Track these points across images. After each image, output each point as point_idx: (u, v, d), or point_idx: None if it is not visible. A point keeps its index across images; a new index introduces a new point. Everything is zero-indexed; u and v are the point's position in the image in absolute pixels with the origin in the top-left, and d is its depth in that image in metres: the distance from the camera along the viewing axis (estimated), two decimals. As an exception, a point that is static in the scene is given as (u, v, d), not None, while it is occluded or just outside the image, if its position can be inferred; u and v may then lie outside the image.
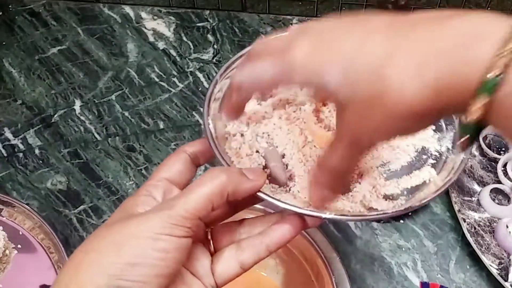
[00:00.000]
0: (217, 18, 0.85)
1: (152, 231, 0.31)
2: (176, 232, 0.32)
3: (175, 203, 0.33)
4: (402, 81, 0.28)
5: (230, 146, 0.41)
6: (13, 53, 0.82)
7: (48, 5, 0.87)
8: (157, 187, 0.36)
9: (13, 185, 0.69)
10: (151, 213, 0.33)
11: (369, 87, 0.29)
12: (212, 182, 0.34)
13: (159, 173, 0.38)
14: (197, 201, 0.33)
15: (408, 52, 0.28)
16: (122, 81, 0.78)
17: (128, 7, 0.87)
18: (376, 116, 0.29)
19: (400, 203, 0.39)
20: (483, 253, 0.60)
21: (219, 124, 0.42)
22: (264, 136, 0.42)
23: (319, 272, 0.57)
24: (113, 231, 0.32)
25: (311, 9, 0.84)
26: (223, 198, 0.34)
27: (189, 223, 0.32)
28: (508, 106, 0.25)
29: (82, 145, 0.72)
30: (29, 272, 0.60)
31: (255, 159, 0.40)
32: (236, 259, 0.36)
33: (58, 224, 0.65)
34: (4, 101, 0.77)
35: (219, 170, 0.35)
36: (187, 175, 0.39)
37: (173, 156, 0.39)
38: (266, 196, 0.36)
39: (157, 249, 0.31)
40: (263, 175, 0.37)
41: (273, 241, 0.37)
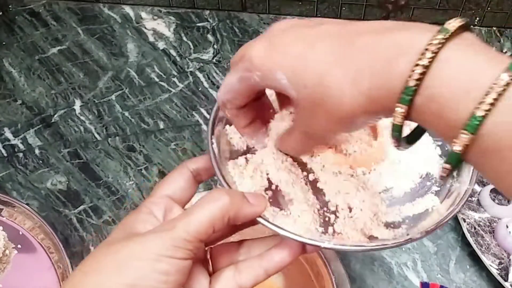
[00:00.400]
0: (217, 18, 0.85)
1: (154, 252, 0.31)
2: (177, 254, 0.32)
3: (176, 224, 0.33)
4: (341, 89, 0.30)
5: (234, 164, 0.40)
6: (13, 53, 0.82)
7: (48, 5, 0.87)
8: (158, 205, 0.36)
9: (13, 185, 0.69)
10: (152, 234, 0.33)
11: (313, 93, 0.31)
12: (214, 204, 0.33)
13: (161, 190, 0.38)
14: (199, 224, 0.33)
15: (348, 61, 0.30)
16: (122, 81, 0.78)
17: (128, 7, 0.87)
18: (320, 118, 0.32)
19: (401, 232, 0.38)
20: (483, 253, 0.60)
21: (224, 140, 0.42)
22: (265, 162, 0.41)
23: (319, 272, 0.56)
24: (113, 251, 0.32)
25: (311, 9, 0.84)
26: (224, 222, 0.34)
27: (191, 246, 0.32)
28: (425, 110, 0.28)
29: (82, 145, 0.72)
30: (29, 272, 0.60)
31: (258, 181, 0.40)
32: (234, 280, 0.36)
33: (58, 224, 0.65)
34: (4, 101, 0.77)
35: (222, 192, 0.35)
36: (189, 192, 0.39)
37: (175, 173, 0.39)
38: (266, 222, 0.36)
39: (159, 271, 0.31)
40: (264, 200, 0.37)
41: (272, 265, 0.37)
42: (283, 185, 0.40)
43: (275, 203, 0.39)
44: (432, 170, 0.42)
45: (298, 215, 0.38)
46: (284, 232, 0.36)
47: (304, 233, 0.37)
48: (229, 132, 0.42)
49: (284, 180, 0.40)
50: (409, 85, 0.27)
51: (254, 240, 0.39)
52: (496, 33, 0.83)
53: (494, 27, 0.83)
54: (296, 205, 0.39)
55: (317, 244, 0.36)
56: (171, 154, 0.71)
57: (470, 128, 0.26)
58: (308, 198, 0.40)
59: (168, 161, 0.71)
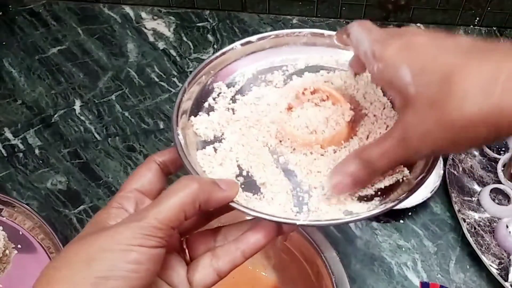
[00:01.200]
0: (217, 18, 0.85)
1: (123, 242, 0.31)
2: (148, 242, 0.31)
3: (146, 213, 0.32)
4: (467, 90, 0.29)
5: (203, 154, 0.41)
6: (13, 53, 0.82)
7: (48, 5, 0.87)
8: (129, 199, 0.36)
9: (13, 185, 0.69)
10: (121, 225, 0.32)
11: (436, 87, 0.31)
12: (183, 191, 0.33)
13: (130, 184, 0.37)
14: (169, 211, 0.33)
15: (481, 67, 0.30)
16: (122, 81, 0.78)
17: (128, 7, 0.87)
18: (431, 118, 0.31)
19: (375, 204, 0.38)
20: (483, 253, 0.60)
21: (190, 131, 0.42)
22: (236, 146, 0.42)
23: (319, 272, 0.56)
24: (84, 245, 0.32)
25: (311, 9, 0.84)
26: (196, 208, 0.34)
27: (161, 233, 0.32)
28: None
29: (82, 145, 0.72)
30: (29, 272, 0.60)
31: (228, 168, 0.40)
32: (212, 267, 0.36)
33: (58, 224, 0.65)
34: (4, 101, 0.77)
35: (190, 178, 0.35)
36: (158, 185, 0.38)
37: (143, 166, 0.38)
38: (239, 206, 0.36)
39: (129, 261, 0.31)
40: (235, 185, 0.37)
41: (249, 247, 0.37)
42: (254, 170, 0.40)
43: (248, 189, 0.39)
44: None
45: (271, 197, 0.39)
46: (258, 214, 0.36)
47: (279, 214, 0.37)
48: (194, 123, 0.43)
49: (255, 165, 0.40)
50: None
51: (230, 225, 0.39)
52: (496, 33, 0.83)
53: (494, 27, 0.83)
54: (269, 188, 0.39)
55: (292, 222, 0.36)
56: (171, 154, 0.71)
57: None
58: (280, 180, 0.40)
59: (168, 161, 0.70)
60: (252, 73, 0.46)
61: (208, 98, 0.45)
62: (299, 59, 0.47)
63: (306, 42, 0.47)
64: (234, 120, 0.43)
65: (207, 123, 0.43)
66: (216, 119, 0.43)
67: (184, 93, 0.43)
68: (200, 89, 0.45)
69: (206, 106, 0.44)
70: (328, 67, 0.47)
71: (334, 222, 0.37)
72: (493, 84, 0.29)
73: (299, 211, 0.38)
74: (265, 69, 0.47)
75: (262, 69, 0.47)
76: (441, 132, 0.31)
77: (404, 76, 0.33)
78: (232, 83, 0.46)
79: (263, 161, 0.41)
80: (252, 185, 0.40)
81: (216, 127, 0.43)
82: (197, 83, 0.44)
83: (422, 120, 0.32)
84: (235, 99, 0.45)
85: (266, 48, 0.47)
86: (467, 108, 0.29)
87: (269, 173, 0.40)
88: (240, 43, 0.46)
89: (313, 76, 0.46)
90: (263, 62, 0.47)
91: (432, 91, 0.31)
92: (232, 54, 0.46)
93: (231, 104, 0.44)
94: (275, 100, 0.45)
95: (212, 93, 0.45)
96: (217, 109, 0.44)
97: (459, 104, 0.30)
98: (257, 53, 0.47)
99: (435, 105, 0.31)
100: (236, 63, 0.46)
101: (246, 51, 0.46)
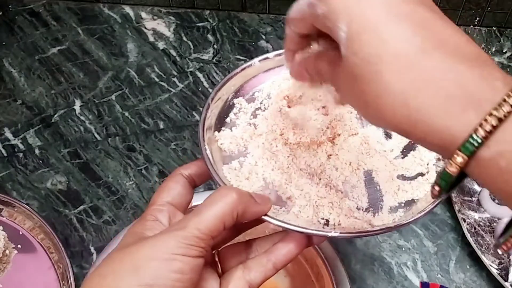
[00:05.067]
0: (217, 18, 0.85)
1: (168, 252, 0.31)
2: (191, 252, 0.32)
3: (188, 223, 0.33)
4: (393, 82, 0.27)
5: (228, 168, 0.41)
6: (13, 53, 0.82)
7: (48, 5, 0.87)
8: (162, 212, 0.37)
9: (13, 185, 0.69)
10: (164, 234, 0.33)
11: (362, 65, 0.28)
12: (223, 201, 0.34)
13: (160, 197, 0.38)
14: (210, 221, 0.33)
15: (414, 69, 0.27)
16: (122, 81, 0.78)
17: (128, 7, 0.87)
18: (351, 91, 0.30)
19: (399, 215, 0.39)
20: (483, 253, 0.60)
21: (215, 146, 0.43)
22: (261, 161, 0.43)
23: (319, 272, 0.57)
24: (128, 253, 0.32)
25: (311, 9, 0.84)
26: (234, 218, 0.34)
27: (203, 243, 0.33)
28: (491, 165, 0.26)
29: (82, 145, 0.72)
30: (29, 272, 0.60)
31: (254, 182, 0.41)
32: (244, 279, 0.36)
33: (58, 224, 0.65)
34: (4, 101, 0.77)
35: (229, 189, 0.35)
36: (187, 197, 0.39)
37: (171, 180, 0.39)
38: (272, 219, 0.37)
39: (174, 270, 0.31)
40: (269, 200, 0.38)
41: (279, 259, 0.37)
42: (279, 184, 0.41)
43: (275, 202, 0.40)
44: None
45: (298, 210, 0.39)
46: (290, 226, 0.37)
47: (308, 226, 0.38)
48: (219, 138, 0.44)
49: (278, 179, 0.41)
50: (478, 134, 0.25)
51: (260, 238, 0.40)
52: (496, 33, 0.83)
53: (494, 27, 0.83)
54: (295, 202, 0.40)
55: (324, 234, 0.37)
56: (171, 154, 0.71)
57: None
58: (305, 193, 0.41)
59: (168, 161, 0.71)
60: (271, 88, 0.47)
61: (230, 114, 0.46)
62: None
63: None
64: (256, 135, 0.44)
65: (231, 138, 0.44)
66: (240, 134, 0.44)
67: (208, 109, 0.44)
68: (222, 105, 0.46)
69: (228, 121, 0.45)
70: None
71: (363, 234, 0.38)
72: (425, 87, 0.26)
73: (326, 223, 0.39)
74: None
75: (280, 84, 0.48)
76: (358, 105, 0.30)
77: (339, 30, 0.29)
78: (252, 99, 0.47)
79: (288, 174, 0.42)
80: (278, 198, 0.40)
81: (239, 142, 0.44)
82: (219, 99, 0.45)
83: (346, 82, 0.30)
84: (256, 114, 0.46)
85: (283, 64, 0.47)
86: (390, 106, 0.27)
87: (294, 186, 0.41)
88: (258, 60, 0.47)
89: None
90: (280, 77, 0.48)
91: (359, 65, 0.28)
92: (251, 70, 0.47)
93: (252, 119, 0.45)
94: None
95: (233, 108, 0.46)
96: (239, 124, 0.45)
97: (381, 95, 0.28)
98: (275, 69, 0.48)
99: (358, 81, 0.29)
100: (255, 79, 0.47)
101: (263, 68, 0.47)
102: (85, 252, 0.64)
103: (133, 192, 0.68)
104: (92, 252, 0.64)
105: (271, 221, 0.37)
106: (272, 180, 0.41)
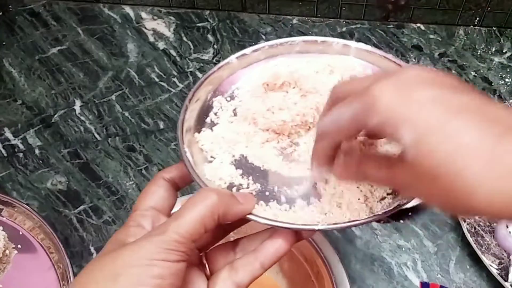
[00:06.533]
0: (217, 18, 0.85)
1: (147, 257, 0.31)
2: (170, 257, 0.32)
3: (167, 227, 0.32)
4: (478, 179, 0.27)
5: (210, 168, 0.41)
6: (13, 53, 0.82)
7: (48, 5, 0.87)
8: (145, 217, 0.36)
9: (13, 185, 0.69)
10: (144, 240, 0.32)
11: (439, 168, 0.28)
12: (203, 203, 0.33)
13: (144, 202, 0.38)
14: (190, 224, 0.33)
15: (497, 156, 0.27)
16: (122, 81, 0.78)
17: (128, 7, 0.87)
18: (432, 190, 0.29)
19: (388, 202, 0.38)
20: (483, 253, 0.60)
21: (195, 148, 0.42)
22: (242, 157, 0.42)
23: (319, 272, 0.56)
24: (108, 261, 0.32)
25: (311, 9, 0.84)
26: (215, 220, 0.34)
27: (183, 247, 0.32)
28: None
29: (82, 145, 0.72)
30: (29, 272, 0.60)
31: (239, 180, 0.40)
32: (231, 280, 0.36)
33: (58, 224, 0.65)
34: (4, 101, 0.77)
35: (209, 190, 0.35)
36: (171, 201, 0.38)
37: (153, 184, 0.39)
38: (255, 217, 0.36)
39: (153, 276, 0.31)
40: (252, 198, 0.37)
41: (267, 257, 0.36)
42: (265, 180, 0.40)
43: (262, 198, 0.39)
44: None
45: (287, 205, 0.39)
46: (275, 223, 0.36)
47: (296, 221, 0.37)
48: (199, 139, 0.43)
49: (265, 175, 0.40)
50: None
51: (248, 236, 0.39)
52: (496, 33, 0.83)
53: (494, 27, 0.83)
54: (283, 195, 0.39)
55: (311, 228, 0.36)
56: (171, 154, 0.71)
57: None
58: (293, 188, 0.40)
59: (168, 161, 0.71)
60: (250, 85, 0.46)
61: (210, 114, 0.45)
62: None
63: (300, 50, 0.47)
64: (237, 133, 0.43)
65: (212, 138, 0.43)
66: (220, 134, 0.43)
67: (186, 111, 0.43)
68: (201, 105, 0.45)
69: (208, 121, 0.44)
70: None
71: (353, 224, 0.37)
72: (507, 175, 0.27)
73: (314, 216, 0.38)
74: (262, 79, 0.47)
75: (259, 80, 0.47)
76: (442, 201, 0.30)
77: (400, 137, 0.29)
78: (231, 96, 0.46)
79: (274, 169, 0.41)
80: (265, 194, 0.40)
81: (220, 141, 0.43)
82: (197, 99, 0.44)
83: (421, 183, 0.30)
84: (236, 112, 0.45)
85: (261, 59, 0.47)
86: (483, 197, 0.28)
87: (280, 182, 0.40)
88: (235, 56, 0.46)
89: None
90: (259, 73, 0.47)
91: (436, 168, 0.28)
92: (229, 67, 0.46)
93: (233, 117, 0.44)
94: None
95: (213, 108, 0.45)
96: (220, 123, 0.44)
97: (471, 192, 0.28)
98: (253, 65, 0.47)
99: (442, 181, 0.29)
100: (233, 76, 0.47)
101: (242, 64, 0.46)
102: (85, 252, 0.64)
103: (133, 192, 0.68)
104: (92, 252, 0.64)
105: (254, 218, 0.36)
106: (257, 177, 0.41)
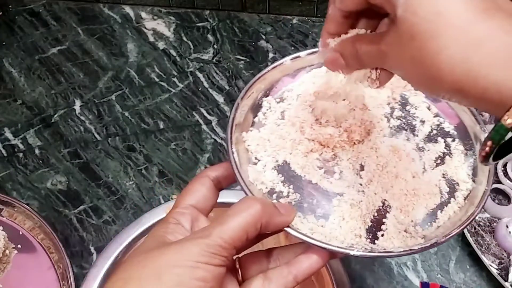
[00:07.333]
0: (217, 18, 0.85)
1: (191, 259, 0.31)
2: (214, 261, 0.32)
3: (211, 232, 0.33)
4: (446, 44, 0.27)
5: (254, 170, 0.41)
6: (13, 53, 0.82)
7: (48, 5, 0.87)
8: (184, 215, 0.37)
9: (13, 185, 0.69)
10: (189, 241, 0.33)
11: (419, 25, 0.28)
12: (247, 212, 0.34)
13: (184, 199, 0.38)
14: (234, 231, 0.33)
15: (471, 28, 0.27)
16: (122, 81, 0.78)
17: (128, 7, 0.87)
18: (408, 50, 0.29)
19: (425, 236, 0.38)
20: (483, 253, 0.60)
21: (241, 147, 0.42)
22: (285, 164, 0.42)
23: (319, 272, 0.56)
24: (150, 259, 0.32)
25: (311, 9, 0.84)
26: (257, 229, 0.34)
27: (226, 252, 0.33)
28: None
29: (82, 145, 0.72)
30: (29, 272, 0.60)
31: (280, 187, 0.40)
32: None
33: (58, 224, 0.65)
34: (4, 101, 0.77)
35: (254, 199, 0.35)
36: (212, 200, 0.39)
37: (196, 181, 0.39)
38: (293, 231, 0.37)
39: (196, 278, 0.31)
40: (293, 210, 0.37)
41: (301, 272, 0.37)
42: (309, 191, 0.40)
43: (301, 209, 0.39)
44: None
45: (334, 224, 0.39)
46: (312, 241, 0.36)
47: (334, 238, 0.37)
48: (246, 139, 0.43)
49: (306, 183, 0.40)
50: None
51: (282, 247, 0.39)
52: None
53: None
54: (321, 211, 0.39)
55: (346, 252, 0.36)
56: (171, 154, 0.71)
57: None
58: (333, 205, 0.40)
59: (168, 161, 0.70)
60: (301, 89, 0.46)
61: (258, 114, 0.45)
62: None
63: None
64: (283, 138, 0.43)
65: (258, 139, 0.43)
66: (267, 136, 0.43)
67: (237, 109, 0.43)
68: (251, 104, 0.45)
69: (256, 121, 0.44)
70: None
71: (386, 255, 0.37)
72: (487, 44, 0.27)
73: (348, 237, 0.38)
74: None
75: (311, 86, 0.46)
76: (413, 67, 0.30)
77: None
78: (281, 98, 0.46)
79: (315, 181, 0.41)
80: (303, 205, 0.40)
81: (266, 144, 0.43)
82: (248, 98, 0.44)
83: (400, 46, 0.30)
84: (284, 115, 0.44)
85: (314, 64, 0.47)
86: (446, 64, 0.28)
87: (319, 195, 0.40)
88: (289, 58, 0.46)
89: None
90: (310, 78, 0.46)
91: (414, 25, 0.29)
92: (282, 68, 0.46)
93: (280, 120, 0.44)
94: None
95: (262, 108, 0.45)
96: (267, 124, 0.44)
97: (437, 53, 0.28)
98: (306, 68, 0.47)
99: (414, 42, 0.29)
100: (285, 78, 0.46)
101: (295, 66, 0.46)
102: (85, 252, 0.64)
103: (133, 192, 0.68)
104: (92, 252, 0.64)
105: (293, 233, 0.36)
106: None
